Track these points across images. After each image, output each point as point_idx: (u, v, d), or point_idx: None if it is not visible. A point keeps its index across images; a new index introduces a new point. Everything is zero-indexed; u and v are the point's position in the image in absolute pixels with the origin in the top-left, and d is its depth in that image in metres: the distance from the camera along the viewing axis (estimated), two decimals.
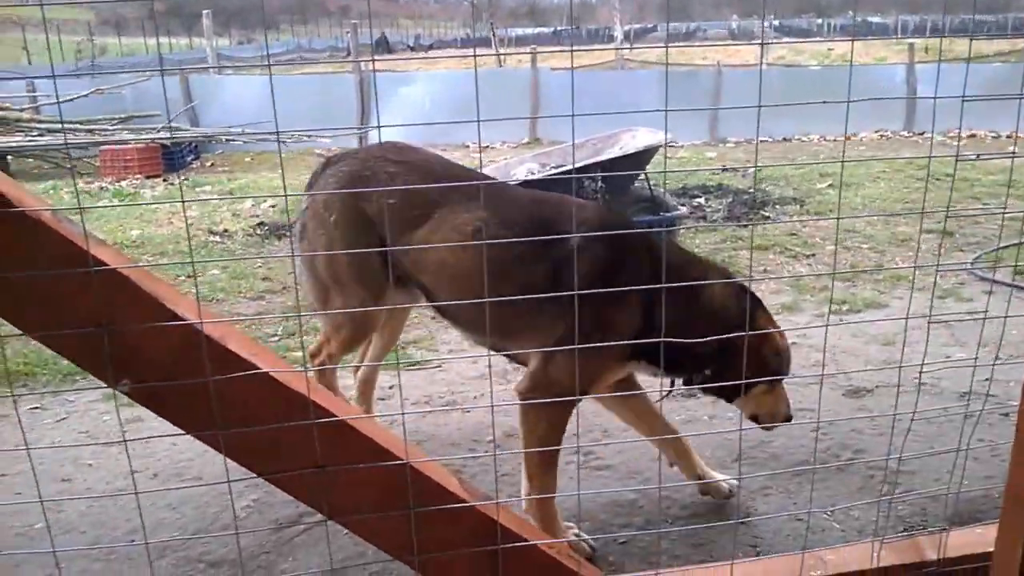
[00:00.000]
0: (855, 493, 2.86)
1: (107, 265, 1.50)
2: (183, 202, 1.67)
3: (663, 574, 1.99)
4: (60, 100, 12.23)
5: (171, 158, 11.43)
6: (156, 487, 3.14)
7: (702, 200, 8.22)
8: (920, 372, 3.09)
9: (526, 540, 1.82)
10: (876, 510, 2.70)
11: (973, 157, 9.45)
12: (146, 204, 8.37)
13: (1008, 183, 8.25)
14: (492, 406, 1.65)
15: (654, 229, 6.02)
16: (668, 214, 6.01)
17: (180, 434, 1.65)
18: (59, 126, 11.58)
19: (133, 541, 2.73)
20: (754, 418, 2.62)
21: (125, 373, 1.58)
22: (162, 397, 1.61)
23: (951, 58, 13.46)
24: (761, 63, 14.48)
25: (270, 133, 11.31)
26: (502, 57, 23.51)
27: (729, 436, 3.27)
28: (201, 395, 1.57)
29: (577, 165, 5.95)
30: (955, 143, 11.50)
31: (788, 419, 2.63)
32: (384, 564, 2.51)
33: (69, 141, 11.10)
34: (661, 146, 5.99)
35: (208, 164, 12.22)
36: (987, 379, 3.45)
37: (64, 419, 3.77)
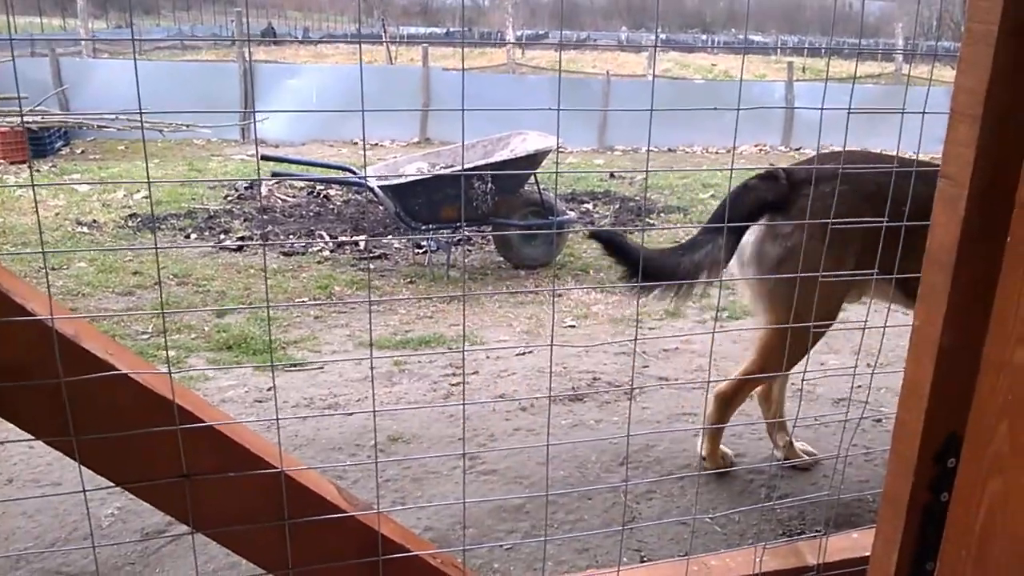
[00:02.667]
0: (736, 497, 2.89)
1: None
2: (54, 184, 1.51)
3: None
4: None
5: (38, 144, 10.76)
6: (11, 494, 2.91)
7: (590, 206, 8.30)
8: (802, 380, 3.18)
9: (409, 551, 1.74)
10: (757, 515, 2.74)
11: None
12: (6, 187, 7.83)
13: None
14: (374, 410, 1.56)
15: (543, 232, 6.02)
16: (557, 218, 6.02)
17: (32, 440, 1.51)
18: None
19: None
20: None
21: None
22: (8, 399, 1.46)
23: (827, 77, 14.04)
24: (653, 71, 14.78)
25: (130, 114, 10.77)
26: (393, 54, 23.25)
27: (615, 440, 3.28)
28: (52, 397, 1.43)
29: (468, 166, 5.90)
30: None
31: None
32: None
33: None
34: (551, 150, 6.00)
35: (79, 151, 11.57)
36: (859, 386, 3.58)
37: None
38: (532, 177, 6.01)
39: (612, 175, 9.88)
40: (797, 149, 13.78)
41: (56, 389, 1.44)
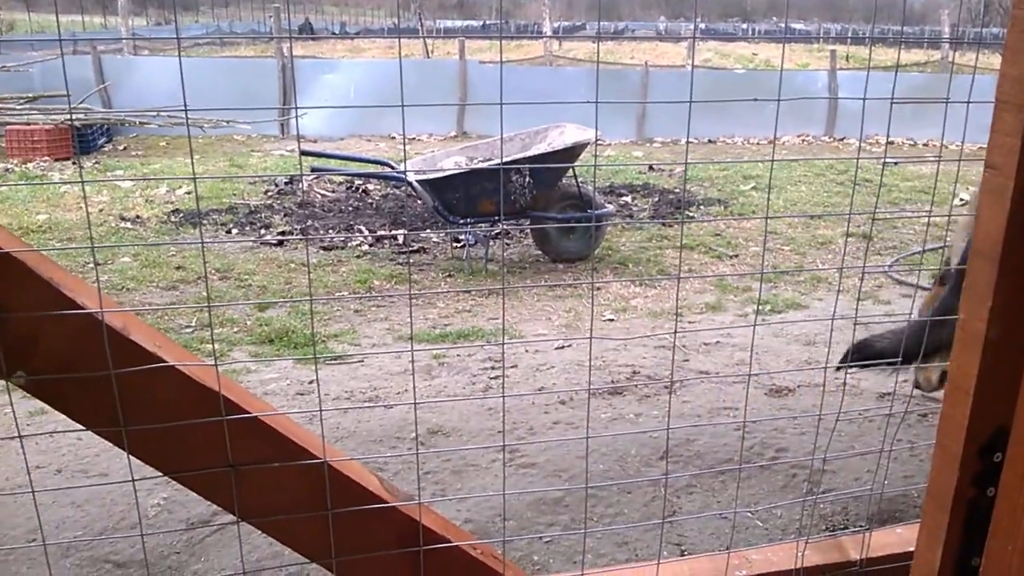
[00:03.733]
0: (778, 492, 2.87)
1: None
2: (89, 182, 1.55)
3: (588, 574, 1.94)
4: None
5: (82, 140, 10.96)
6: (60, 484, 2.97)
7: (628, 198, 8.26)
8: (845, 374, 3.14)
9: (449, 541, 1.75)
10: (800, 509, 2.71)
11: (894, 162, 9.75)
12: (52, 184, 8.00)
13: (933, 189, 8.51)
14: (415, 402, 1.58)
15: (581, 225, 6.01)
16: (595, 211, 6.01)
17: (85, 429, 1.54)
18: None
19: (35, 540, 2.58)
20: None
21: (20, 365, 1.46)
22: (60, 391, 1.49)
23: (872, 66, 13.85)
24: (692, 61, 14.66)
25: (172, 111, 10.92)
26: (430, 48, 23.31)
27: (655, 434, 3.27)
28: (103, 389, 1.47)
29: (506, 160, 5.90)
30: (875, 149, 11.85)
31: None
32: (301, 566, 2.41)
33: None
34: (589, 143, 5.98)
35: (121, 148, 11.77)
36: (904, 380, 3.53)
37: None
38: (570, 170, 5.99)
39: (651, 167, 9.83)
40: (841, 139, 13.58)
41: (105, 380, 1.47)
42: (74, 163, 10.16)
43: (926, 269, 5.51)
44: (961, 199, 7.04)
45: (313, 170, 6.33)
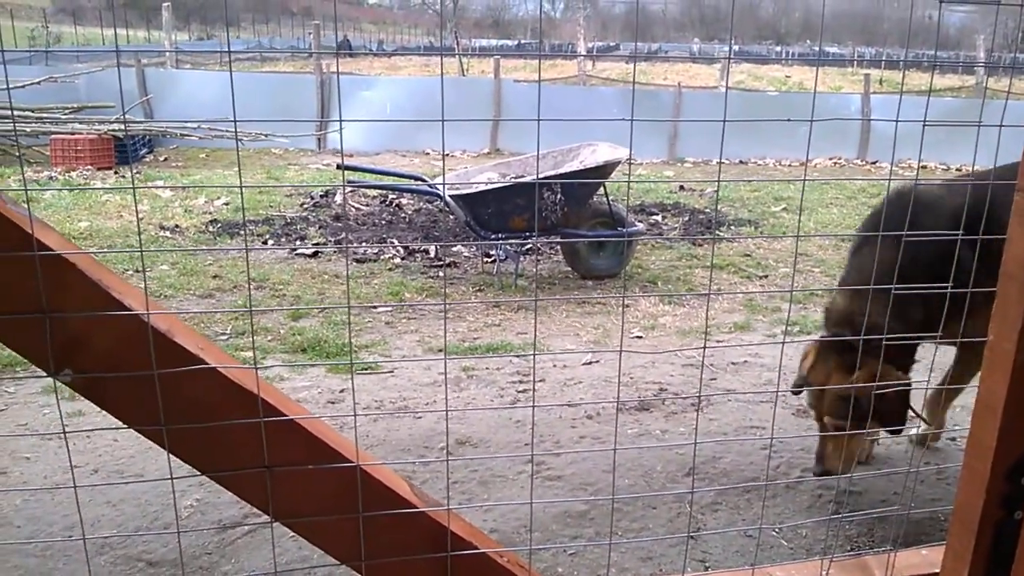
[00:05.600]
0: (804, 511, 2.87)
1: (52, 250, 1.44)
2: (139, 187, 1.61)
3: None
4: (11, 87, 11.88)
5: (124, 150, 11.19)
6: (96, 483, 3.04)
7: (659, 217, 8.28)
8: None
9: (476, 548, 1.78)
10: (825, 528, 2.71)
11: (937, 182, 9.66)
12: (97, 190, 8.17)
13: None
14: (447, 410, 1.61)
15: (611, 242, 6.03)
16: (626, 229, 6.03)
17: (121, 429, 1.60)
18: (7, 112, 11.25)
19: (71, 537, 2.64)
20: None
21: (67, 363, 1.52)
22: (105, 389, 1.55)
23: (906, 91, 13.74)
24: (727, 82, 14.65)
25: (227, 129, 11.15)
26: (465, 66, 23.51)
27: (681, 450, 3.28)
28: (146, 389, 1.52)
29: (539, 177, 5.95)
30: (907, 173, 11.75)
31: None
32: (330, 569, 2.45)
33: (18, 128, 10.80)
34: (621, 161, 6.01)
35: (162, 159, 11.99)
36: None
37: (2, 410, 3.64)
38: (602, 188, 6.03)
39: (682, 187, 9.83)
40: (874, 163, 13.51)
41: (149, 380, 1.52)
42: (116, 172, 10.36)
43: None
44: None
45: (350, 184, 6.41)
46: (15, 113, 11.14)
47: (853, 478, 2.96)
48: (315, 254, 6.47)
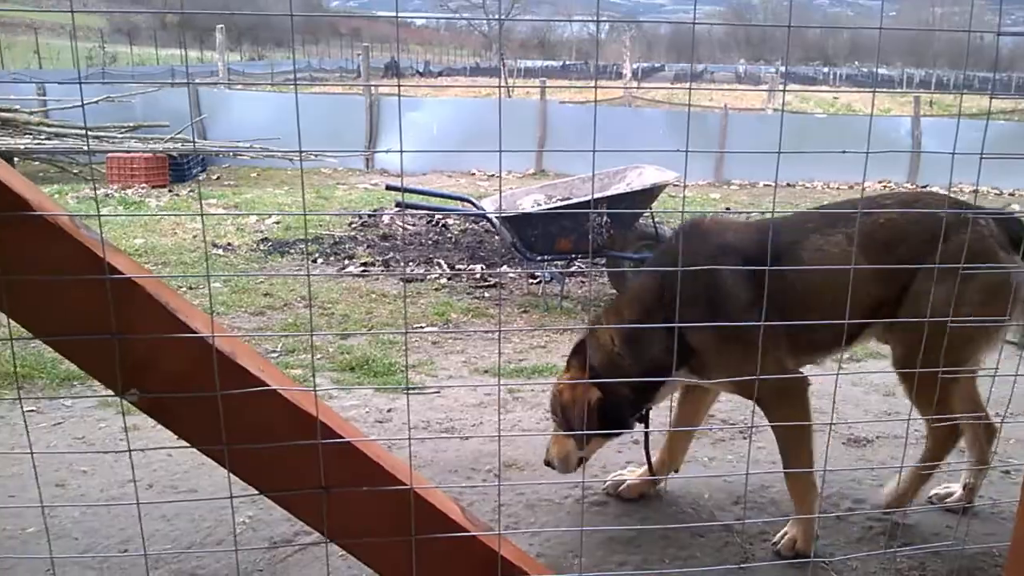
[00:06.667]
0: (854, 543, 2.83)
1: (122, 273, 1.50)
2: (200, 214, 1.66)
3: None
4: (70, 106, 12.24)
5: (178, 169, 11.45)
6: (152, 498, 3.11)
7: None
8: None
9: (527, 574, 1.79)
10: (876, 562, 2.67)
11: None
12: (161, 214, 8.37)
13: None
14: (500, 435, 1.63)
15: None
16: None
17: (179, 446, 1.64)
18: (66, 130, 11.59)
19: (127, 551, 2.70)
20: None
21: (134, 383, 1.56)
22: (169, 408, 1.59)
23: (956, 113, 13.56)
24: (782, 106, 14.56)
25: (286, 150, 11.34)
26: (510, 87, 23.67)
27: (729, 479, 3.25)
28: (208, 409, 1.56)
29: (586, 199, 5.97)
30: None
31: None
32: None
33: (79, 147, 11.11)
34: (667, 184, 6.01)
35: (215, 177, 12.24)
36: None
37: (60, 424, 3.74)
38: (648, 211, 6.03)
39: (727, 210, 9.79)
40: (924, 187, 13.31)
41: (212, 400, 1.56)
42: (170, 190, 10.59)
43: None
44: None
45: (397, 204, 6.50)
46: (75, 132, 11.47)
47: (906, 510, 2.91)
48: (363, 273, 6.56)
